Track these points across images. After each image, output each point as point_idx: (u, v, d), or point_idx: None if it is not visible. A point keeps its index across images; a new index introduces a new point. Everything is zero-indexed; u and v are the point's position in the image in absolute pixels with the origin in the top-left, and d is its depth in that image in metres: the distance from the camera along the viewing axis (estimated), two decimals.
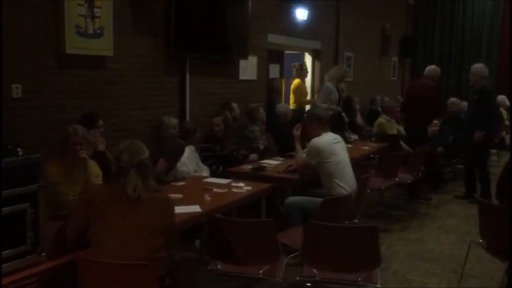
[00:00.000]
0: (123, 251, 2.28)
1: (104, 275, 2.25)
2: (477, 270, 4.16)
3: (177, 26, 5.14)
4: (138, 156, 2.44)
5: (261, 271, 2.93)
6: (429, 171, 6.72)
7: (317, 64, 8.39)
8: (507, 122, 9.55)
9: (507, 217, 3.12)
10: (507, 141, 9.81)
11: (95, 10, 4.31)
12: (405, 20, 11.91)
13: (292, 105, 7.71)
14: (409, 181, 5.85)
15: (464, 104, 7.91)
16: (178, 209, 3.14)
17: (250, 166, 4.83)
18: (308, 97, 8.11)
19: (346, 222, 4.04)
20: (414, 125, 6.72)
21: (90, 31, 4.29)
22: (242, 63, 6.44)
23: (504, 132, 9.70)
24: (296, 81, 7.81)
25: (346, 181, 4.17)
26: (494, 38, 11.60)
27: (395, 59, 11.56)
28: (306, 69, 8.04)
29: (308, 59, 8.39)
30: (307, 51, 8.29)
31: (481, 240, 3.51)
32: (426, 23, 12.22)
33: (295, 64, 7.97)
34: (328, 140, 4.27)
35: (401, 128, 7.85)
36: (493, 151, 9.17)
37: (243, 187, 3.89)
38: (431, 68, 6.86)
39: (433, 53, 12.01)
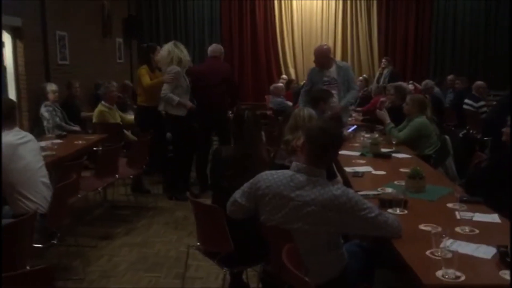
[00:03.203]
0: None
1: None
2: (203, 270, 3.79)
3: None
4: None
5: None
6: (158, 160, 6.19)
7: (19, 44, 6.97)
8: None
9: (217, 217, 2.71)
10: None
11: None
12: None
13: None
14: (131, 176, 5.21)
15: None
16: None
17: None
18: None
19: (40, 245, 3.13)
20: (216, 113, 5.86)
21: None
22: None
23: (230, 112, 10.03)
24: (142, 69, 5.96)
25: (36, 193, 3.24)
26: (215, 20, 11.94)
27: (120, 40, 10.78)
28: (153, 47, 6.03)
29: (7, 39, 6.89)
30: (4, 29, 6.79)
31: (198, 243, 3.07)
32: (149, 3, 11.78)
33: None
34: (9, 141, 3.23)
35: (128, 116, 7.18)
36: None
37: None
38: (217, 47, 6.07)
39: (159, 35, 11.68)
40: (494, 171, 3.62)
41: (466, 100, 8.08)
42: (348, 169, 3.79)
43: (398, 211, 2.75)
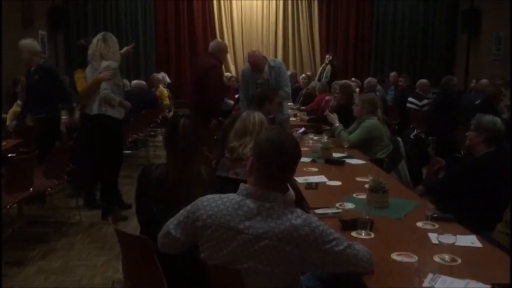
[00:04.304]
0: None
1: None
2: None
3: None
4: None
5: None
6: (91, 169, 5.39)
7: None
8: (166, 101, 9.23)
9: (146, 250, 2.17)
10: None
11: None
12: None
13: None
14: (50, 189, 4.51)
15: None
16: None
17: None
18: None
19: None
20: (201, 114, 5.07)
21: None
22: None
23: (167, 110, 9.40)
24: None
25: None
26: (149, 13, 11.25)
27: (43, 32, 9.84)
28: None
29: None
30: None
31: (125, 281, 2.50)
32: None
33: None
34: None
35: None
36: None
37: None
38: (213, 43, 5.63)
39: (87, 27, 10.80)
40: (453, 183, 3.31)
41: (410, 99, 7.94)
42: (299, 180, 3.35)
43: (363, 234, 2.33)
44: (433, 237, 2.26)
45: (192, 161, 2.41)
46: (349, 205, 2.79)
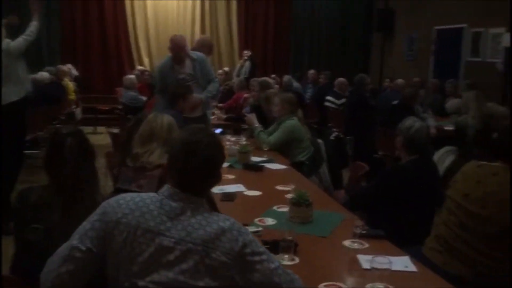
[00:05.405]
0: None
1: None
2: None
3: None
4: None
5: None
6: None
7: None
8: (72, 96, 8.50)
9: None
10: (78, 115, 8.83)
11: None
12: None
13: None
14: None
15: None
16: None
17: None
18: None
19: None
20: None
21: None
22: None
23: (74, 106, 8.66)
24: None
25: None
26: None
27: None
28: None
29: None
30: None
31: None
32: None
33: None
34: None
35: None
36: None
37: None
38: (199, 39, 5.38)
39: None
40: (378, 192, 3.07)
41: (328, 97, 7.86)
42: (214, 190, 2.97)
43: (286, 259, 2.02)
44: (363, 260, 2.01)
45: (82, 187, 1.99)
46: (270, 221, 2.48)
